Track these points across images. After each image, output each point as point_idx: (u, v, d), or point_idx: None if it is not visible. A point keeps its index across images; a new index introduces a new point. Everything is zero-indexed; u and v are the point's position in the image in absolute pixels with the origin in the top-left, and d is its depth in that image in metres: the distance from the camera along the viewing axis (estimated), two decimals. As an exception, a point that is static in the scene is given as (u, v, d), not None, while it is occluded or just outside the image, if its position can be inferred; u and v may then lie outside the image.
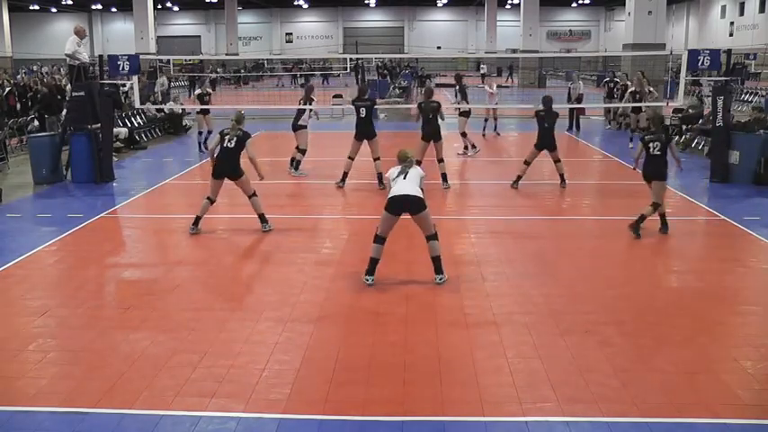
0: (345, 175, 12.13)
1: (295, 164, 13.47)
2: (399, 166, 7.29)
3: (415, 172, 7.25)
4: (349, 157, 12.07)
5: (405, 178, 7.15)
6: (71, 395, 4.93)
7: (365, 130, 11.90)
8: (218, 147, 9.13)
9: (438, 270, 7.26)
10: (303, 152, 13.49)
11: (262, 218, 9.22)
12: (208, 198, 9.13)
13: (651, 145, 9.09)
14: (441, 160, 12.03)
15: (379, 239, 7.21)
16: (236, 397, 4.90)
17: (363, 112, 11.82)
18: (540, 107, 11.88)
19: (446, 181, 12.00)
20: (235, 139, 8.93)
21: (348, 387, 5.05)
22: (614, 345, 5.74)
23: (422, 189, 7.21)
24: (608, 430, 4.51)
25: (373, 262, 7.24)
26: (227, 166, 8.97)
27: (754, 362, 5.45)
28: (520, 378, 5.17)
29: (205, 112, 16.46)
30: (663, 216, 9.13)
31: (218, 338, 5.88)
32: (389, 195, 7.16)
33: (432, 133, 11.89)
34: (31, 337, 5.92)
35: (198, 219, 9.15)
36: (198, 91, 17.32)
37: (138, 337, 5.92)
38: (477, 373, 5.25)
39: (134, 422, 4.60)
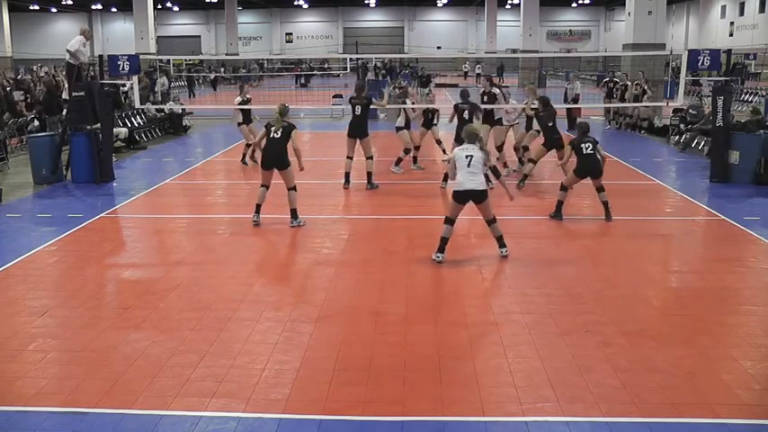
0: (348, 175, 12.14)
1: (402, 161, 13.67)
2: (466, 146, 7.79)
3: (479, 156, 7.69)
4: (348, 158, 12.08)
5: (469, 166, 7.60)
6: (71, 395, 4.93)
7: (358, 129, 11.92)
8: (265, 139, 9.37)
9: (502, 245, 8.02)
10: (406, 151, 13.55)
11: (293, 213, 9.47)
12: (263, 185, 9.48)
13: (583, 146, 9.76)
14: None
15: (449, 221, 7.81)
16: (236, 397, 4.90)
17: (359, 110, 11.88)
18: (541, 108, 11.84)
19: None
20: (281, 130, 9.21)
21: (348, 387, 5.05)
22: (614, 345, 5.74)
23: (487, 170, 7.83)
24: (608, 430, 4.51)
25: (443, 241, 7.79)
26: (274, 156, 9.25)
27: (754, 362, 5.45)
28: (520, 378, 5.17)
29: None
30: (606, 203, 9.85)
31: (218, 338, 5.88)
32: (455, 189, 7.72)
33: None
34: (31, 337, 5.92)
35: (258, 207, 9.49)
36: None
37: (138, 337, 5.92)
38: (477, 373, 5.26)
39: (134, 422, 4.60)
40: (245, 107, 14.12)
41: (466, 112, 11.99)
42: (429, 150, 15.14)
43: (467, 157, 7.65)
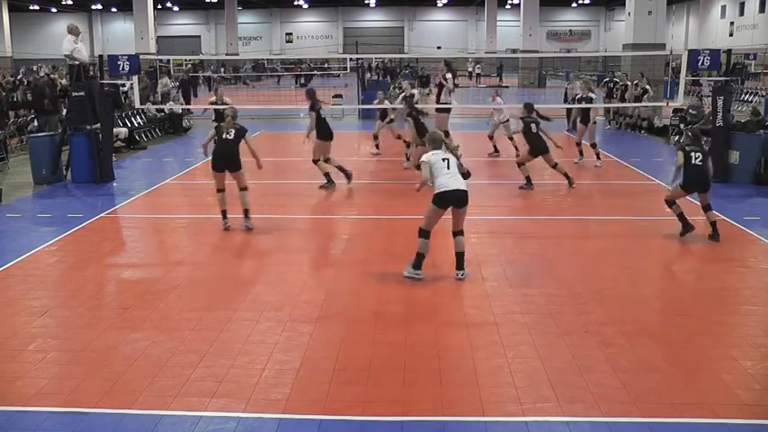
0: (328, 175, 12.20)
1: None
2: (436, 152, 7.32)
3: (454, 160, 7.32)
4: (325, 159, 12.12)
5: (449, 168, 7.19)
6: (71, 395, 4.93)
7: (329, 130, 12.02)
8: (214, 141, 9.24)
9: (460, 266, 7.37)
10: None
11: (246, 213, 9.34)
12: (219, 190, 9.34)
13: (693, 155, 8.76)
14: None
15: (426, 234, 7.23)
16: (236, 397, 4.90)
17: (322, 113, 12.03)
18: (525, 114, 11.87)
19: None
20: (233, 131, 9.12)
21: (348, 387, 5.05)
22: (614, 345, 5.74)
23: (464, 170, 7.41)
24: (608, 430, 4.51)
25: (420, 257, 7.24)
26: (227, 157, 9.12)
27: (754, 362, 5.45)
28: (520, 378, 5.17)
29: None
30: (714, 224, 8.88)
31: (218, 338, 5.88)
32: (441, 190, 7.13)
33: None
34: (31, 337, 5.92)
35: (224, 212, 9.35)
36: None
37: (138, 337, 5.92)
38: (477, 373, 5.26)
39: (134, 422, 4.60)
40: (217, 107, 14.69)
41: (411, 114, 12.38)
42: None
43: (443, 160, 7.22)
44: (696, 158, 8.73)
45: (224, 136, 9.12)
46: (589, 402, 4.82)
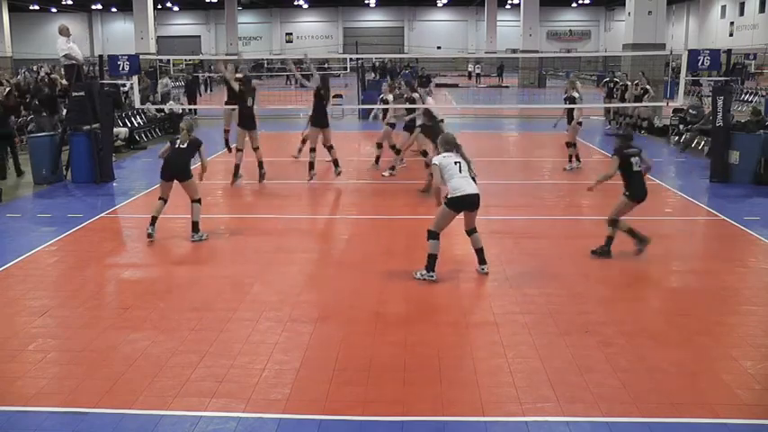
0: (237, 167, 12.35)
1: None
2: (448, 154, 7.31)
3: (465, 164, 7.31)
4: (239, 150, 12.34)
5: (461, 172, 7.20)
6: (71, 395, 4.93)
7: (250, 120, 12.22)
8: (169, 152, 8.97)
9: (483, 260, 7.47)
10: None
11: (195, 226, 9.01)
12: (161, 198, 8.97)
13: (633, 160, 8.00)
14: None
15: (436, 235, 7.21)
16: (236, 397, 4.90)
17: (251, 101, 12.23)
18: (420, 121, 11.80)
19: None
20: (187, 141, 8.90)
21: (348, 387, 5.05)
22: (614, 345, 5.74)
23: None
24: (608, 430, 4.51)
25: (432, 259, 7.21)
26: (176, 167, 8.85)
27: (755, 362, 5.45)
28: (520, 378, 5.17)
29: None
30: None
31: (218, 338, 5.88)
32: (458, 194, 7.13)
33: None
34: (31, 337, 5.92)
35: (154, 219, 8.89)
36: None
37: (138, 337, 5.92)
38: (477, 373, 5.26)
39: (134, 422, 4.60)
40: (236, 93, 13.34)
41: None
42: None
43: (455, 163, 7.21)
44: (636, 163, 7.97)
45: (177, 145, 8.89)
46: (589, 402, 4.82)
